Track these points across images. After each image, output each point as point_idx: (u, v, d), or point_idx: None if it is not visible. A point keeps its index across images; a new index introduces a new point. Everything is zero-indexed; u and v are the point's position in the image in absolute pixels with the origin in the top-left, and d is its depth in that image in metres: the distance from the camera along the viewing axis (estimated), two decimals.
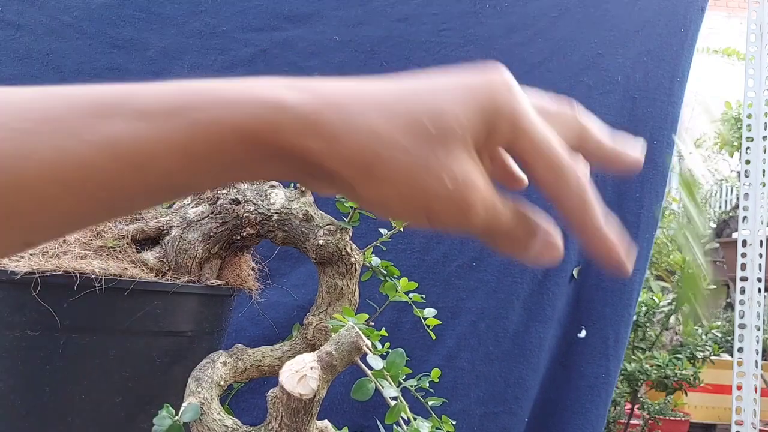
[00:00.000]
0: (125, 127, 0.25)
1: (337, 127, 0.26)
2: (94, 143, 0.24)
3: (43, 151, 0.24)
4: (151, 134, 0.25)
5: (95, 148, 0.24)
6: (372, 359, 0.43)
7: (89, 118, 0.24)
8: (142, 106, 0.25)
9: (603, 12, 1.12)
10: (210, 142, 0.25)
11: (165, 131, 0.25)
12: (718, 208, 4.22)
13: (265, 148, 0.25)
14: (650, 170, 1.13)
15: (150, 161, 0.25)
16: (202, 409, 0.47)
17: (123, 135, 0.24)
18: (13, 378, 0.48)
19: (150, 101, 0.25)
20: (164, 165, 0.25)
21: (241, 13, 1.01)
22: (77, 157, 0.24)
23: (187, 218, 0.56)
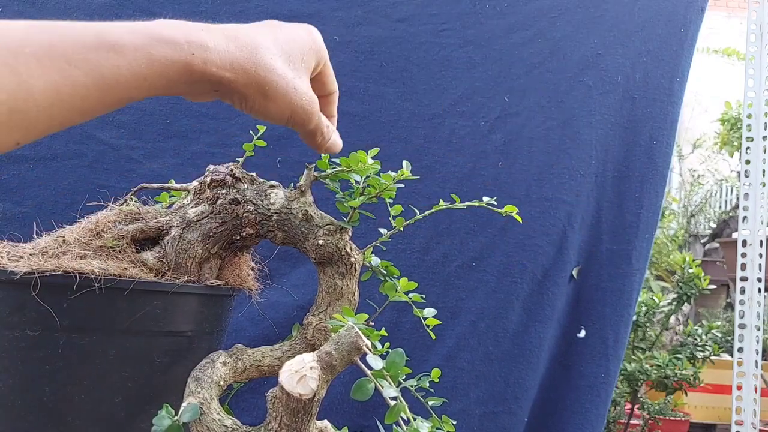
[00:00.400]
0: (105, 57, 0.35)
1: (244, 62, 0.41)
2: (84, 69, 0.34)
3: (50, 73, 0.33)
4: (122, 63, 0.36)
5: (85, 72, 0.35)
6: (372, 359, 0.43)
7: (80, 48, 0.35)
8: (115, 42, 0.36)
9: (602, 12, 1.12)
10: (161, 72, 0.37)
11: (131, 62, 0.36)
12: (718, 208, 4.21)
13: (196, 75, 0.39)
14: (650, 170, 1.13)
15: (118, 84, 0.36)
16: (202, 409, 0.47)
17: (103, 63, 0.35)
18: (12, 378, 0.48)
19: (121, 39, 0.36)
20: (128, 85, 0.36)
21: (241, 14, 1.01)
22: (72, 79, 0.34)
23: (186, 218, 0.56)
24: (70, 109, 0.34)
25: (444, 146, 1.06)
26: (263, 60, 0.43)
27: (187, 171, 0.96)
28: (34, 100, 0.33)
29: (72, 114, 0.35)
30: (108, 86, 0.36)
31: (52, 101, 0.34)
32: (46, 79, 0.33)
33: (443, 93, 1.06)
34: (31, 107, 0.33)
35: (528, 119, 1.08)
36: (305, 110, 0.46)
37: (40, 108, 0.33)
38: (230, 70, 0.40)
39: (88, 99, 0.35)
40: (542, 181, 1.08)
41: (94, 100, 0.35)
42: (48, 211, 0.92)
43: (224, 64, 0.40)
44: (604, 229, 1.12)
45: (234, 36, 0.42)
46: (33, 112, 0.33)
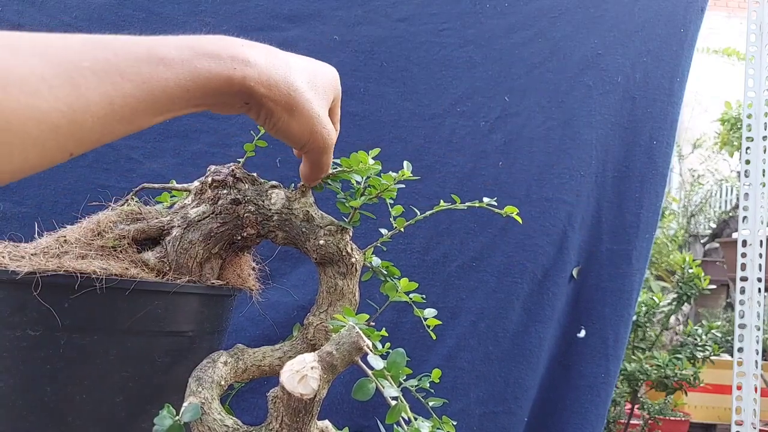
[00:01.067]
0: (155, 70, 0.37)
1: (279, 80, 0.44)
2: (135, 81, 0.37)
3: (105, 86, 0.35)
4: (170, 76, 0.38)
5: (135, 84, 0.37)
6: (372, 359, 0.43)
7: (133, 62, 0.37)
8: (164, 56, 0.38)
9: (603, 12, 1.12)
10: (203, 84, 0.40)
11: (178, 75, 0.39)
12: (718, 208, 4.22)
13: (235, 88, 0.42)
14: (650, 170, 1.13)
15: (164, 94, 0.38)
16: (203, 409, 0.47)
17: (153, 76, 0.37)
18: (13, 378, 0.48)
19: (169, 54, 0.38)
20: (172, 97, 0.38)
21: (241, 13, 1.01)
22: (124, 91, 0.36)
23: (187, 218, 0.56)
24: (119, 121, 0.36)
25: (444, 146, 1.06)
26: (295, 82, 0.45)
27: (187, 171, 0.96)
28: (90, 111, 0.35)
29: (121, 125, 0.37)
30: (155, 98, 0.38)
31: (106, 112, 0.35)
32: (101, 91, 0.35)
33: (443, 93, 1.06)
34: (87, 119, 0.35)
35: (528, 119, 1.08)
36: (324, 138, 0.48)
37: (95, 119, 0.35)
38: (265, 86, 0.43)
39: (137, 110, 0.37)
40: (542, 181, 1.08)
41: (141, 111, 0.37)
42: (48, 211, 0.92)
43: (261, 80, 0.43)
44: (604, 229, 1.12)
45: (273, 54, 0.45)
46: (88, 124, 0.35)
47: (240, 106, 0.44)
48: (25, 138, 0.32)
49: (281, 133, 0.47)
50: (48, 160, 0.35)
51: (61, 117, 0.33)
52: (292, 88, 0.45)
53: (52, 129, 0.33)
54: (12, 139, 0.31)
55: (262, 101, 0.44)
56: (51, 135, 0.33)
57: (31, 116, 0.32)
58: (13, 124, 0.31)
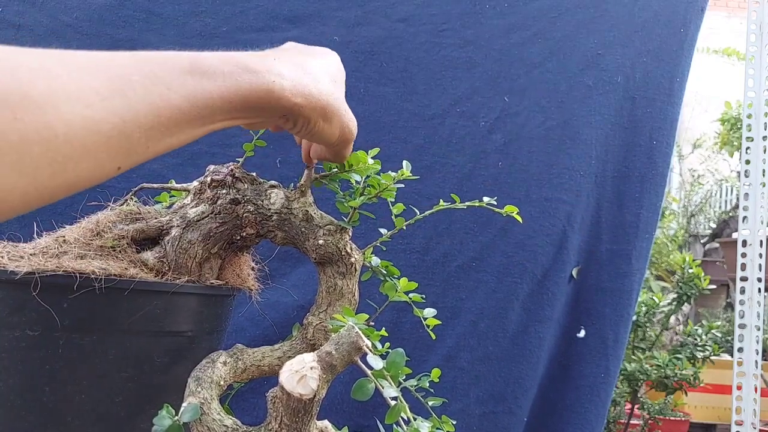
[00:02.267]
0: (199, 82, 0.39)
1: (312, 89, 0.46)
2: (180, 93, 0.38)
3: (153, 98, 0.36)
4: (214, 89, 0.39)
5: (181, 96, 0.38)
6: (372, 359, 0.43)
7: (178, 75, 0.38)
8: (207, 68, 0.40)
9: (602, 12, 1.12)
10: (244, 97, 0.41)
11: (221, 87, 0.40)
12: (718, 208, 4.22)
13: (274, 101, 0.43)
14: (650, 170, 1.13)
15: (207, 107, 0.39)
16: (202, 409, 0.47)
17: (197, 88, 0.39)
18: (12, 378, 0.48)
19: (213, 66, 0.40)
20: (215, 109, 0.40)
21: (241, 14, 1.01)
22: (170, 102, 0.37)
23: (187, 218, 0.56)
24: (164, 133, 0.37)
25: (444, 146, 1.06)
26: (325, 87, 0.47)
27: (187, 171, 0.96)
28: (139, 123, 0.35)
29: (166, 137, 0.38)
30: (199, 110, 0.39)
31: (153, 124, 0.36)
32: (149, 102, 0.36)
33: (443, 93, 1.06)
34: (135, 130, 0.35)
35: (528, 119, 1.08)
36: (350, 130, 0.51)
37: (142, 131, 0.36)
38: (301, 96, 0.45)
39: (181, 123, 0.38)
40: (542, 181, 1.08)
41: (185, 123, 0.39)
42: (48, 211, 0.91)
43: (297, 92, 0.45)
44: (604, 229, 1.12)
45: (300, 64, 0.46)
46: (136, 136, 0.35)
47: (278, 119, 0.46)
48: (80, 149, 0.33)
49: (317, 137, 0.49)
50: (99, 174, 0.35)
51: (113, 128, 0.34)
52: (325, 95, 0.47)
53: (104, 141, 0.34)
54: (67, 150, 0.32)
55: (300, 111, 0.45)
56: (103, 147, 0.34)
57: (85, 127, 0.32)
58: (69, 135, 0.32)
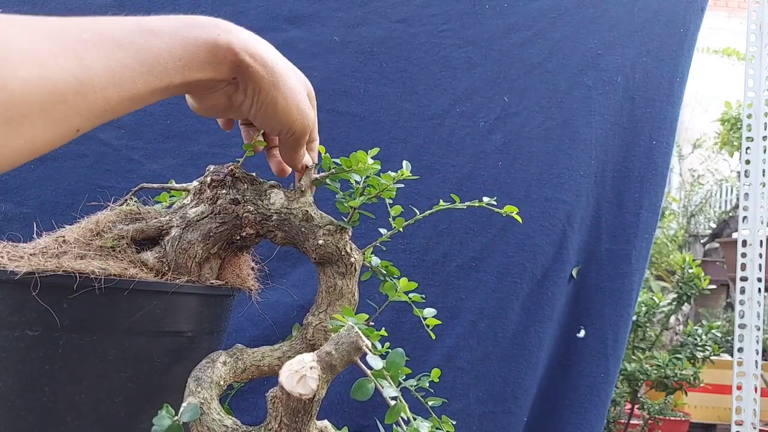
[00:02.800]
0: (147, 39, 0.39)
1: (262, 52, 0.46)
2: (130, 51, 0.38)
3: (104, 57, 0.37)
4: (161, 45, 0.40)
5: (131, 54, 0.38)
6: (372, 359, 0.43)
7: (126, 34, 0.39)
8: (153, 27, 0.40)
9: (602, 12, 1.12)
10: (193, 51, 0.42)
11: (168, 43, 0.41)
12: (718, 208, 4.22)
13: (221, 55, 0.44)
14: (650, 170, 1.13)
15: (158, 63, 0.40)
16: (202, 409, 0.47)
17: (145, 45, 0.39)
18: (12, 378, 0.48)
19: (158, 25, 0.41)
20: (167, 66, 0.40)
21: (241, 14, 1.01)
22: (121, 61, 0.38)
23: (186, 218, 0.56)
24: (120, 91, 0.38)
25: (444, 146, 1.06)
26: (274, 55, 0.47)
27: (187, 171, 0.96)
28: (92, 83, 0.36)
29: (122, 97, 0.38)
30: (151, 67, 0.39)
31: (107, 84, 0.37)
32: (101, 62, 0.37)
33: (443, 93, 1.06)
34: (90, 90, 0.36)
35: (528, 119, 1.08)
36: (308, 118, 0.50)
37: (97, 91, 0.36)
38: (249, 55, 0.45)
39: (135, 81, 0.39)
40: (542, 181, 1.08)
41: (139, 82, 0.39)
42: (49, 212, 0.92)
43: (245, 48, 0.45)
44: (604, 229, 1.12)
45: (252, 34, 0.47)
46: (91, 96, 0.36)
47: (228, 83, 0.46)
48: (36, 108, 0.33)
49: (269, 111, 0.48)
50: (58, 135, 0.35)
51: (68, 88, 0.34)
52: (274, 61, 0.47)
53: (59, 100, 0.34)
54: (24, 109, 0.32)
55: (249, 72, 0.45)
56: (59, 107, 0.34)
57: (40, 86, 0.33)
58: (25, 94, 0.32)
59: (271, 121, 0.49)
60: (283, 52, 1.03)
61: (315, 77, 1.02)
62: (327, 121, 1.02)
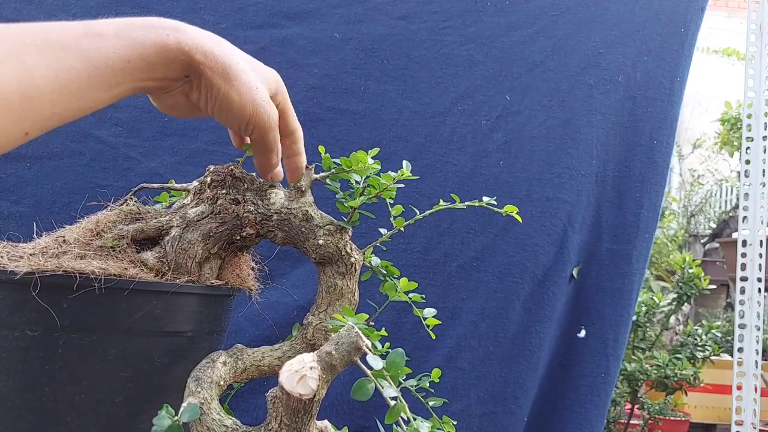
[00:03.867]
0: (92, 42, 0.40)
1: (212, 48, 0.46)
2: (76, 54, 0.39)
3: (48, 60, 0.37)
4: (108, 46, 0.41)
5: (77, 57, 0.39)
6: (372, 359, 0.43)
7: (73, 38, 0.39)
8: (100, 30, 0.41)
9: (604, 11, 1.12)
10: (141, 53, 0.42)
11: (115, 45, 0.41)
12: (718, 208, 4.22)
13: (171, 54, 0.44)
14: (650, 170, 1.13)
15: (106, 66, 0.40)
16: (202, 409, 0.47)
17: (91, 47, 0.40)
18: (12, 378, 0.47)
19: (105, 27, 0.41)
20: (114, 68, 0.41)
21: (241, 11, 1.00)
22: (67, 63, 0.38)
23: (186, 218, 0.56)
24: (68, 94, 0.38)
25: (445, 145, 1.05)
26: (228, 51, 0.47)
27: (185, 169, 0.96)
28: (37, 86, 0.36)
29: (70, 100, 0.39)
30: (98, 70, 0.40)
31: (53, 87, 0.37)
32: (46, 65, 0.37)
33: (444, 91, 1.06)
34: (36, 94, 0.36)
35: (529, 118, 1.08)
36: (265, 110, 0.49)
37: (44, 93, 0.37)
38: (200, 53, 0.45)
39: (82, 84, 0.39)
40: (543, 181, 1.08)
41: (87, 85, 0.39)
42: (45, 210, 0.92)
43: (195, 46, 0.45)
44: (605, 229, 1.12)
45: (202, 30, 0.47)
46: (37, 99, 0.36)
47: (182, 82, 0.46)
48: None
49: (224, 105, 0.48)
50: (4, 139, 0.36)
51: (13, 92, 0.35)
52: (226, 56, 0.47)
53: (5, 105, 0.35)
54: None
55: (200, 69, 0.45)
56: (6, 111, 0.35)
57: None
58: None
59: (227, 115, 0.49)
60: (282, 49, 1.03)
61: (315, 74, 1.03)
62: (327, 118, 1.02)
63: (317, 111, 1.00)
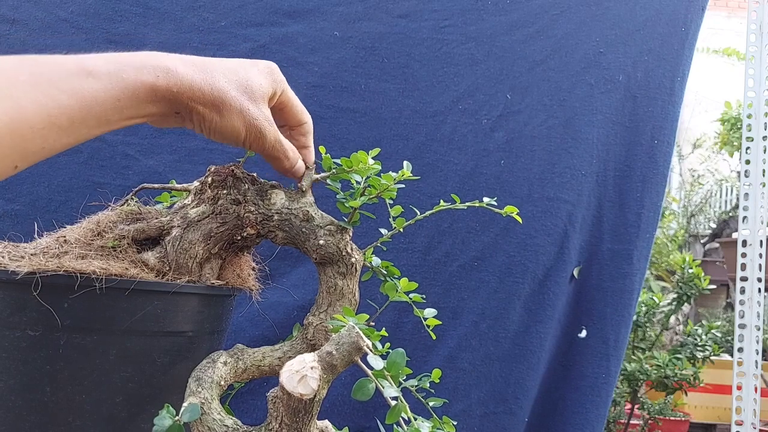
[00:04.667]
0: (85, 81, 0.41)
1: (201, 84, 0.47)
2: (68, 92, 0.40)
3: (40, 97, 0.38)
4: (99, 87, 0.42)
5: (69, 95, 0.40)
6: (372, 359, 0.43)
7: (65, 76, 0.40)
8: (92, 69, 0.42)
9: (604, 10, 1.12)
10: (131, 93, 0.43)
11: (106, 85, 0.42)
12: (718, 208, 4.22)
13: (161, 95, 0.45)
14: (651, 169, 1.12)
15: (97, 104, 0.41)
16: (203, 409, 0.47)
17: (84, 87, 0.41)
18: (13, 378, 0.47)
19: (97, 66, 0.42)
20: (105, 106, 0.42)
21: (240, 8, 1.00)
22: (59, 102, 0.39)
23: (187, 218, 0.56)
24: (58, 131, 0.40)
25: (446, 144, 1.05)
26: (217, 83, 0.48)
27: (184, 167, 0.96)
28: (28, 122, 0.37)
29: (60, 136, 0.40)
30: (89, 108, 0.41)
31: (44, 123, 0.38)
32: (38, 102, 0.38)
33: (445, 90, 1.06)
34: (27, 130, 0.37)
35: (530, 117, 1.08)
36: (259, 130, 0.51)
37: (35, 130, 0.38)
38: (189, 92, 0.47)
39: (73, 121, 0.40)
40: (544, 180, 1.07)
41: (77, 122, 0.41)
42: (42, 209, 0.91)
43: (184, 86, 0.46)
44: (606, 229, 1.12)
45: (191, 62, 0.48)
46: (29, 135, 0.38)
47: (173, 116, 0.48)
48: None
49: (218, 134, 0.50)
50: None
51: (3, 127, 0.36)
52: (215, 88, 0.48)
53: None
54: None
55: (189, 106, 0.47)
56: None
57: None
58: None
59: (222, 140, 0.51)
60: (282, 47, 1.03)
61: (315, 72, 1.03)
62: (327, 117, 1.01)
63: (317, 109, 1.00)
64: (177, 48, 1.01)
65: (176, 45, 0.97)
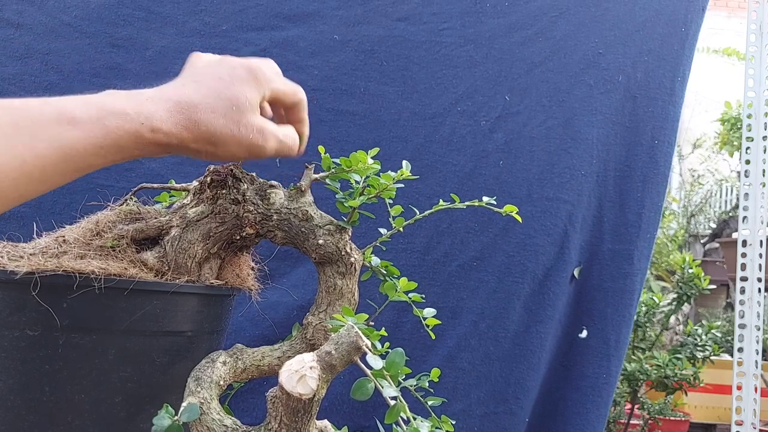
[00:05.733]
0: (65, 130, 0.40)
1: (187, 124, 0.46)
2: (48, 142, 0.39)
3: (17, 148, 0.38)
4: (80, 135, 0.41)
5: (49, 145, 0.39)
6: (371, 359, 0.43)
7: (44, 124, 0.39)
8: (72, 116, 0.41)
9: (604, 11, 1.12)
10: (114, 141, 0.42)
11: (87, 133, 0.41)
12: (718, 208, 4.21)
13: (146, 142, 0.44)
14: (652, 170, 1.13)
15: (78, 153, 0.41)
16: (202, 408, 0.47)
17: (63, 135, 0.40)
18: (12, 378, 0.47)
19: (78, 113, 0.41)
20: (86, 154, 0.41)
21: (241, 13, 1.01)
22: (36, 151, 0.38)
23: (186, 218, 0.56)
24: (34, 180, 0.39)
25: (445, 145, 1.05)
26: (203, 117, 0.47)
27: (186, 170, 0.96)
28: (3, 173, 0.37)
29: (36, 184, 0.39)
30: (67, 156, 0.40)
31: (19, 173, 0.38)
32: (13, 153, 0.38)
33: (444, 92, 1.06)
34: (3, 179, 0.37)
35: (529, 118, 1.08)
36: (256, 145, 0.50)
37: (9, 179, 0.38)
38: (176, 134, 0.45)
39: (48, 169, 0.40)
40: (543, 181, 1.08)
41: (55, 170, 0.40)
42: (47, 211, 0.92)
43: (170, 130, 0.45)
44: (606, 229, 1.12)
45: (175, 101, 0.46)
46: (4, 184, 0.37)
47: (164, 153, 0.47)
48: None
49: (217, 159, 0.49)
50: None
51: None
52: (203, 124, 0.46)
53: None
54: None
55: (180, 147, 0.46)
56: None
57: None
58: None
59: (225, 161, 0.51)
60: (283, 51, 1.03)
61: (315, 76, 1.03)
62: (327, 119, 1.02)
63: (317, 112, 1.00)
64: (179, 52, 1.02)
65: (178, 49, 0.98)
